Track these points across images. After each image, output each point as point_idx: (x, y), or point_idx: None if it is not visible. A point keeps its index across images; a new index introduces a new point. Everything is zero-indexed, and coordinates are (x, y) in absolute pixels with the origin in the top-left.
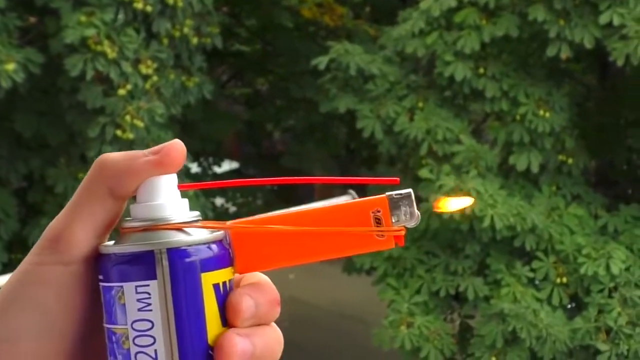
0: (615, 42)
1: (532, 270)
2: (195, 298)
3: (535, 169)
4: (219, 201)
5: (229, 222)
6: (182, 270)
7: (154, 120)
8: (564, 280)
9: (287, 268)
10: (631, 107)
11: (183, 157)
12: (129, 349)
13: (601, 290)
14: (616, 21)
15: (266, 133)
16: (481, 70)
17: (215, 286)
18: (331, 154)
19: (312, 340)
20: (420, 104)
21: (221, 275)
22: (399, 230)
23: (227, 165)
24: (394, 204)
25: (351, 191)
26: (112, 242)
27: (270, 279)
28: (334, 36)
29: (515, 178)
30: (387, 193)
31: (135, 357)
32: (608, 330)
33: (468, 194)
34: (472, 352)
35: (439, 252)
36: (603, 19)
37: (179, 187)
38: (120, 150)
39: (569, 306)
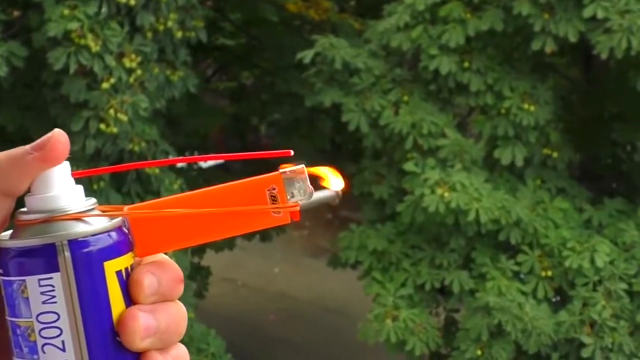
0: (599, 36)
1: (517, 263)
2: (100, 288)
3: (520, 162)
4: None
5: (126, 207)
6: (84, 261)
7: (138, 114)
8: (549, 273)
9: (272, 262)
10: (615, 101)
11: (67, 147)
12: (35, 342)
13: (586, 284)
14: (600, 14)
15: (251, 127)
16: (466, 64)
17: (118, 273)
18: (317, 147)
19: (298, 334)
20: (405, 98)
21: (123, 262)
22: (293, 206)
23: (213, 160)
24: (288, 181)
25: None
26: (7, 235)
27: (256, 273)
28: (319, 30)
29: (500, 172)
30: (281, 170)
31: (43, 349)
32: (592, 324)
33: (453, 187)
34: (458, 346)
35: (425, 245)
36: (587, 12)
37: (72, 174)
38: (104, 144)
39: (554, 299)
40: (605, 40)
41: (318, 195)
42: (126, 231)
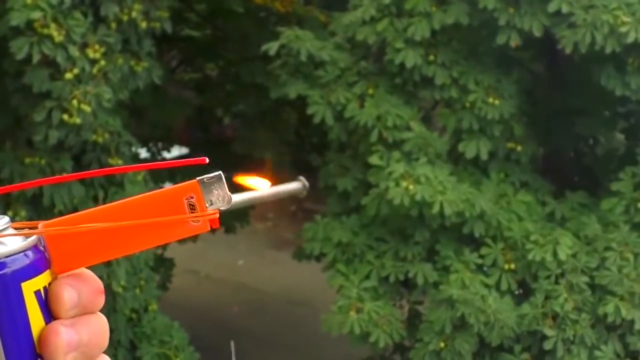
0: (564, 30)
1: (481, 256)
2: (19, 310)
3: (484, 156)
4: (168, 185)
5: (40, 225)
6: (1, 283)
7: (102, 105)
8: (512, 266)
9: (235, 254)
10: (578, 95)
11: None
12: None
13: (548, 277)
14: (565, 9)
15: (216, 118)
16: (431, 58)
17: (37, 293)
18: (282, 139)
19: (262, 326)
20: (371, 91)
21: (41, 281)
22: (212, 214)
23: (177, 151)
24: (206, 188)
25: (301, 178)
26: None
27: (219, 265)
28: (285, 22)
29: (464, 165)
30: (198, 178)
31: None
32: (555, 316)
33: (417, 180)
34: (421, 338)
35: (389, 238)
36: (552, 7)
37: None
38: (67, 135)
39: (517, 292)
40: (569, 34)
41: (286, 187)
42: (42, 249)
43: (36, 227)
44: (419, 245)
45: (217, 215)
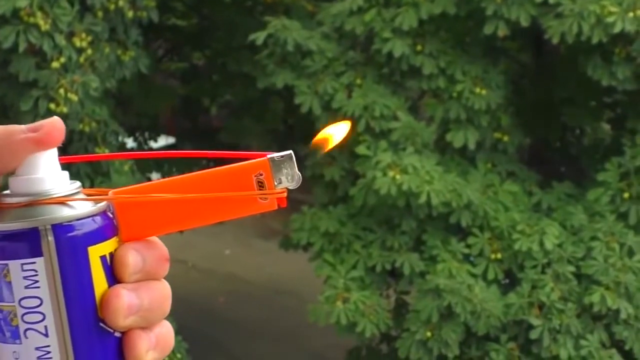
0: (551, 20)
1: (468, 246)
2: (84, 273)
3: (471, 146)
4: (155, 176)
5: (111, 192)
6: (68, 246)
7: (89, 94)
8: (499, 256)
9: (223, 244)
10: (565, 85)
11: (62, 134)
12: (17, 326)
13: (535, 266)
14: None
15: (203, 108)
16: (419, 48)
17: (103, 258)
18: (268, 129)
19: (248, 315)
20: (358, 81)
21: (107, 247)
22: (281, 193)
23: (164, 141)
24: (276, 167)
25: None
26: None
27: (206, 254)
28: (272, 11)
29: (451, 155)
30: (269, 155)
31: (25, 334)
32: (541, 306)
33: (404, 170)
34: (408, 327)
35: (376, 227)
36: None
37: (60, 159)
38: None
39: (503, 282)
40: (556, 25)
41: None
42: (111, 216)
43: (107, 194)
44: (405, 235)
45: (285, 194)
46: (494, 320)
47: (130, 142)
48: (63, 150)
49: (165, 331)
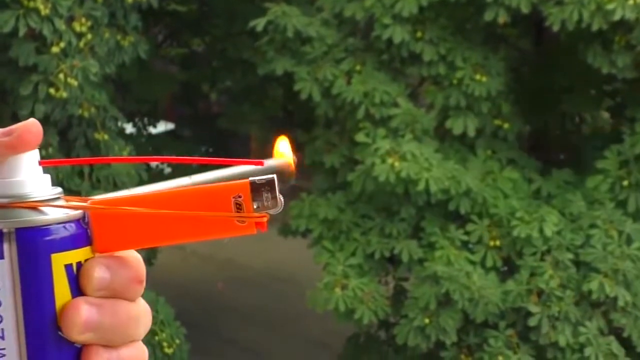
0: (551, 8)
1: (466, 233)
2: (44, 280)
3: (471, 133)
4: (153, 163)
5: (90, 201)
6: (30, 250)
7: (88, 79)
8: (497, 243)
9: None
10: (565, 73)
11: (38, 138)
12: None
13: (534, 254)
14: None
15: (202, 94)
16: (419, 34)
17: (68, 267)
18: (268, 115)
19: (247, 301)
20: (358, 67)
21: (75, 256)
22: (260, 217)
23: (163, 127)
24: (256, 190)
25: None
26: None
27: (206, 241)
28: None
29: (450, 142)
30: (250, 178)
31: None
32: (539, 293)
33: (403, 157)
34: (406, 314)
35: (374, 215)
36: None
37: (40, 163)
38: (53, 108)
39: (502, 269)
40: (556, 12)
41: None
42: (84, 225)
43: (86, 202)
44: (404, 222)
45: (265, 219)
46: (492, 307)
47: (129, 128)
48: (62, 136)
49: (134, 354)
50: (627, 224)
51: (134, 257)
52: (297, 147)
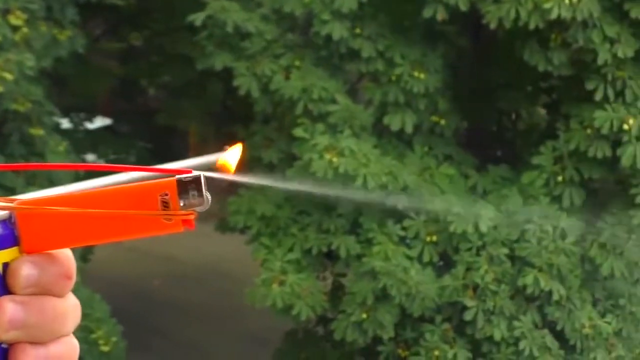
0: (489, 6)
1: (404, 228)
2: None
3: (409, 129)
4: (90, 157)
5: (17, 201)
6: None
7: (24, 73)
8: (434, 238)
9: None
10: (502, 70)
11: None
12: None
13: (469, 249)
14: None
15: (140, 89)
16: (357, 31)
17: None
18: (207, 111)
19: (185, 297)
20: (297, 63)
21: (2, 256)
22: (187, 214)
23: (100, 122)
24: (182, 188)
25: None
26: None
27: None
28: None
29: (388, 138)
30: (177, 176)
31: None
32: (475, 287)
33: (341, 153)
34: (344, 309)
35: (312, 210)
36: None
37: None
38: None
39: (438, 264)
40: (494, 10)
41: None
42: (11, 226)
43: (13, 203)
44: (342, 217)
45: (192, 217)
46: (428, 302)
47: (65, 123)
48: None
49: (64, 349)
50: (562, 219)
51: (65, 254)
52: (236, 143)
